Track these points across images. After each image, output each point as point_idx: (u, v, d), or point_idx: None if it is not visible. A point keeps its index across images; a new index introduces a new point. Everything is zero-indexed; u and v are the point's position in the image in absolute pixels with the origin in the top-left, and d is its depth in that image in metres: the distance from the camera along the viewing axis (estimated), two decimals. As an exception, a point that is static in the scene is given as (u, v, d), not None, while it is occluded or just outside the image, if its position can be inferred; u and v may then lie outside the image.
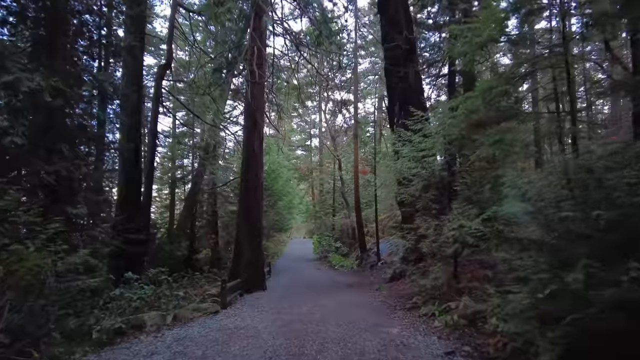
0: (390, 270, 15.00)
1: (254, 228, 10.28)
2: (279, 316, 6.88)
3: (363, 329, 5.79)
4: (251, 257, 10.19)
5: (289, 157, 37.96)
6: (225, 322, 6.55)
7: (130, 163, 12.73)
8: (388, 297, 8.62)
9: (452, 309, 6.05)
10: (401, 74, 11.47)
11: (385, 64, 12.60)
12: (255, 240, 10.33)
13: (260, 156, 10.46)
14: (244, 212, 10.34)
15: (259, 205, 10.45)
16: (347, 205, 25.25)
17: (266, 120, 15.34)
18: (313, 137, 39.87)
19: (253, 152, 10.21)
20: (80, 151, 9.14)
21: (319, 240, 25.90)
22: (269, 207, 21.58)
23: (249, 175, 10.25)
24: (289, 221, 28.24)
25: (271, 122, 17.02)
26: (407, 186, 7.84)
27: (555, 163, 5.34)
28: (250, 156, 10.27)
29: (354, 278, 14.77)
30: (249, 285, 10.03)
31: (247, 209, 10.24)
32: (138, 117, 13.01)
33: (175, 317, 6.53)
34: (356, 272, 17.05)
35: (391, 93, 12.27)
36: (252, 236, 10.27)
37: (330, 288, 11.69)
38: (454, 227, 5.72)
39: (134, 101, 12.70)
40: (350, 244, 24.13)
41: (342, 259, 20.70)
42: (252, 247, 10.25)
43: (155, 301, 7.74)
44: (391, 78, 12.10)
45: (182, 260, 21.29)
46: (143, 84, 13.69)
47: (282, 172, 23.43)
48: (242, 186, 10.77)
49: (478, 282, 6.31)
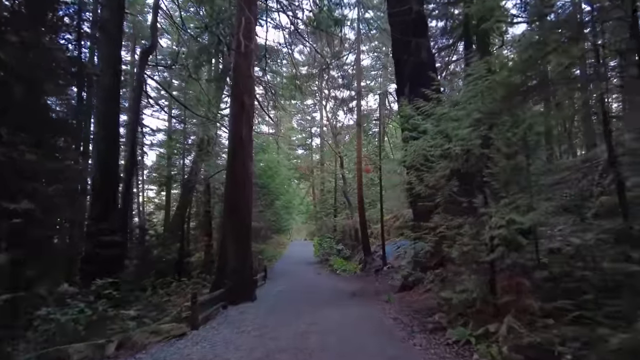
0: (397, 276, 13.47)
1: (242, 227, 8.78)
2: (262, 341, 5.34)
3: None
4: (237, 261, 8.68)
5: (289, 157, 36.53)
6: (188, 352, 5.00)
7: (106, 154, 11.27)
8: (400, 311, 7.09)
9: (492, 333, 4.52)
10: (412, 46, 9.98)
11: (393, 35, 11.12)
12: (242, 242, 8.82)
13: (249, 144, 8.98)
14: (229, 209, 8.84)
15: (248, 201, 8.95)
16: (350, 205, 23.73)
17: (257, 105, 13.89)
18: (314, 136, 38.40)
19: (240, 139, 8.73)
20: (30, 137, 7.66)
21: (319, 242, 24.44)
22: (266, 207, 20.06)
23: (236, 166, 8.76)
24: (287, 222, 26.70)
25: (263, 108, 15.49)
26: (423, 174, 6.31)
27: None
28: (237, 144, 8.78)
29: (357, 284, 13.23)
30: (234, 295, 8.53)
31: (233, 205, 8.74)
32: (115, 105, 11.56)
33: (122, 345, 5.00)
34: (360, 278, 15.50)
35: (399, 72, 10.79)
36: (239, 237, 8.76)
37: (331, 297, 10.16)
38: (500, 225, 4.19)
39: (109, 85, 11.26)
40: (352, 246, 22.59)
41: (344, 263, 19.18)
42: (239, 250, 8.74)
43: (99, 323, 6.15)
44: (400, 53, 10.61)
45: (172, 264, 19.89)
46: (121, 67, 12.24)
47: (280, 170, 21.93)
48: (227, 179, 9.28)
49: (522, 296, 4.78)
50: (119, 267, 12.16)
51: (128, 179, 12.76)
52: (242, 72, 8.85)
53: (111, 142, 11.45)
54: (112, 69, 11.43)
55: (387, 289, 11.13)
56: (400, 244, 16.94)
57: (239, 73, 8.94)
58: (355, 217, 22.83)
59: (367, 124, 27.09)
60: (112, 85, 11.46)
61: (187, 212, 22.98)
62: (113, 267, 11.50)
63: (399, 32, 10.70)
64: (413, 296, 8.32)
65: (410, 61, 10.27)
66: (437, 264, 7.07)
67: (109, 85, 11.17)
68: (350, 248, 22.30)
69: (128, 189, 12.79)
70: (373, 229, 22.15)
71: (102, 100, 11.31)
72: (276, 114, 36.53)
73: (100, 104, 11.39)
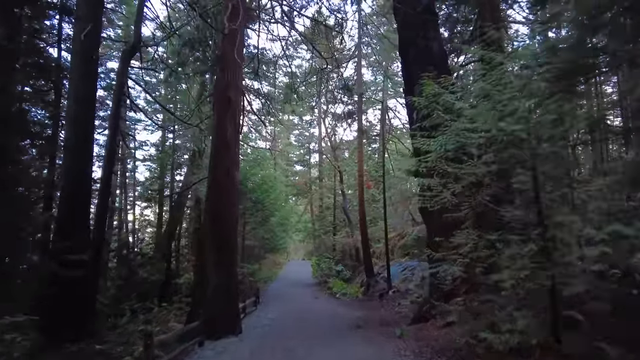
0: (406, 302, 11.93)
1: (225, 241, 7.35)
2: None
3: None
4: (219, 283, 7.21)
5: (286, 173, 35.26)
6: None
7: (76, 162, 9.94)
8: (419, 353, 5.61)
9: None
10: (420, 39, 8.89)
11: (399, 31, 10.09)
12: (226, 259, 7.38)
13: (234, 146, 7.67)
14: (211, 219, 7.45)
15: (233, 211, 7.56)
16: (350, 222, 22.28)
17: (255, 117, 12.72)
18: (312, 152, 37.22)
19: (225, 141, 7.43)
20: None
21: (317, 262, 22.88)
22: (260, 224, 18.59)
23: (218, 173, 7.42)
24: (283, 240, 25.13)
25: (253, 110, 14.26)
26: (449, 181, 4.98)
27: None
28: (221, 145, 7.47)
29: (360, 311, 11.67)
30: (214, 326, 7.02)
31: (216, 214, 7.34)
32: (87, 108, 10.29)
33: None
34: (362, 303, 13.91)
35: (408, 68, 9.68)
36: (222, 252, 7.32)
37: (332, 329, 8.63)
38: (601, 238, 2.83)
39: (81, 86, 10.04)
40: (353, 267, 21.02)
41: (344, 285, 17.62)
42: (222, 269, 7.29)
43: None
44: (407, 48, 9.53)
45: (159, 286, 18.28)
46: (96, 66, 11.07)
47: (276, 185, 20.57)
48: (209, 185, 7.93)
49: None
50: (90, 290, 10.65)
51: (105, 191, 11.38)
52: (228, 62, 7.65)
53: (82, 149, 10.14)
54: (85, 67, 10.26)
55: (396, 318, 9.61)
56: (406, 264, 15.45)
57: (224, 64, 7.73)
58: (355, 235, 21.35)
59: (367, 140, 25.98)
60: (86, 86, 10.25)
61: (176, 229, 21.52)
62: (81, 290, 10.01)
63: (406, 25, 9.65)
64: (431, 330, 6.83)
65: (419, 56, 9.16)
66: (467, 291, 5.64)
67: (81, 86, 9.95)
68: (350, 269, 20.74)
69: (104, 202, 11.38)
70: (375, 249, 20.64)
71: (73, 102, 10.05)
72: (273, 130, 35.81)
73: (71, 106, 10.13)
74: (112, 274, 18.51)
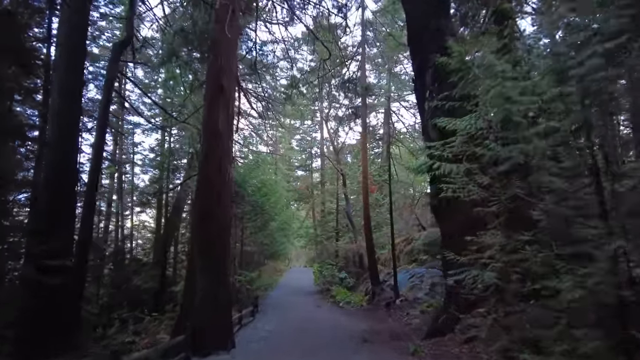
0: (415, 312, 11.03)
1: (215, 247, 6.53)
2: None
3: None
4: (209, 290, 6.37)
5: (287, 178, 34.49)
6: None
7: (60, 156, 9.21)
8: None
9: None
10: (431, 28, 8.19)
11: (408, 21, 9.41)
12: (216, 267, 6.55)
13: (227, 139, 6.89)
14: (199, 222, 6.63)
15: (224, 213, 6.75)
16: (353, 227, 21.41)
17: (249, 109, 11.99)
18: (314, 156, 36.47)
19: (216, 131, 6.65)
20: None
21: (319, 269, 21.97)
22: (258, 230, 17.75)
23: (209, 167, 6.64)
24: (283, 245, 24.24)
25: (251, 104, 13.51)
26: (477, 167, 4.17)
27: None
28: (212, 137, 6.69)
29: (366, 322, 10.79)
30: (202, 341, 6.18)
31: (206, 212, 6.52)
32: (72, 103, 9.60)
33: None
34: (368, 312, 13.00)
35: (418, 62, 8.97)
36: (212, 259, 6.50)
37: (335, 343, 7.77)
38: None
39: (65, 79, 9.37)
40: (357, 274, 20.09)
41: (347, 293, 16.69)
42: (211, 278, 6.46)
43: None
44: (417, 40, 8.85)
45: (153, 294, 17.46)
46: (83, 59, 10.40)
47: (276, 188, 19.78)
48: (199, 181, 7.14)
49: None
50: (73, 298, 9.85)
51: (92, 189, 10.66)
52: (221, 46, 6.93)
53: (66, 144, 9.43)
54: (71, 58, 9.59)
55: (407, 330, 8.73)
56: (414, 271, 14.55)
57: (217, 48, 6.99)
58: (359, 241, 20.47)
59: (370, 143, 25.19)
60: (71, 79, 9.57)
61: (174, 234, 20.69)
62: (63, 298, 9.20)
63: (415, 13, 8.95)
64: (450, 346, 5.97)
65: (432, 41, 8.41)
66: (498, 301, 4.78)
67: (66, 78, 9.27)
68: (354, 276, 19.81)
69: (91, 201, 10.65)
70: (379, 255, 19.73)
71: (57, 95, 9.36)
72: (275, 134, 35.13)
73: (55, 99, 9.44)
74: (105, 281, 17.79)
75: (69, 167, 9.49)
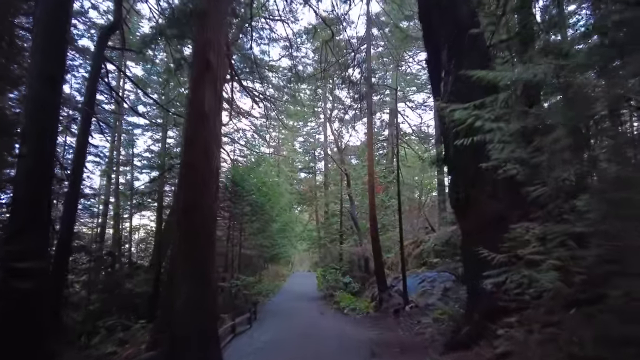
0: (427, 320, 9.97)
1: (201, 244, 5.59)
2: None
3: None
4: (190, 299, 5.42)
5: (291, 181, 33.63)
6: None
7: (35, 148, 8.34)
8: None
9: None
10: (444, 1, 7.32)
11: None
12: (200, 267, 5.59)
13: (214, 120, 5.95)
14: (183, 215, 5.66)
15: (211, 206, 5.79)
16: (358, 229, 20.39)
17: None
18: (318, 158, 35.53)
19: (201, 111, 5.72)
20: None
21: (323, 274, 20.99)
22: (258, 231, 16.80)
23: (192, 152, 5.70)
24: (284, 247, 23.25)
25: (243, 86, 12.58)
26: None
27: None
28: (197, 119, 5.77)
29: (373, 331, 9.78)
30: (182, 355, 5.22)
31: (188, 208, 5.54)
32: (53, 86, 8.74)
33: None
34: (375, 320, 11.94)
35: (430, 38, 8.07)
36: (196, 259, 5.54)
37: (340, 356, 6.78)
38: None
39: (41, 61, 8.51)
40: (362, 278, 19.07)
41: (352, 299, 15.70)
42: (195, 281, 5.50)
43: None
44: (429, 13, 7.96)
45: (147, 299, 16.53)
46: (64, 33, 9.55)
47: (276, 188, 18.84)
48: (182, 169, 6.22)
49: None
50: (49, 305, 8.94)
51: (75, 184, 9.83)
52: (209, 16, 6.04)
53: (42, 137, 8.52)
54: (53, 37, 8.73)
55: (420, 342, 7.70)
56: (424, 275, 13.50)
57: (204, 18, 6.10)
58: (364, 244, 19.45)
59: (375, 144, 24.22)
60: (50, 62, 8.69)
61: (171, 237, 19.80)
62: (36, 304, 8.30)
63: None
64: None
65: (446, 19, 7.50)
66: (552, 310, 3.78)
67: (41, 60, 8.39)
68: (359, 281, 18.79)
69: (74, 196, 9.82)
70: (385, 259, 18.68)
71: (34, 80, 8.48)
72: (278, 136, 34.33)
73: (31, 85, 8.56)
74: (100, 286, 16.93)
75: (45, 160, 8.61)
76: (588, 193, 2.90)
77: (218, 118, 6.35)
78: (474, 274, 5.74)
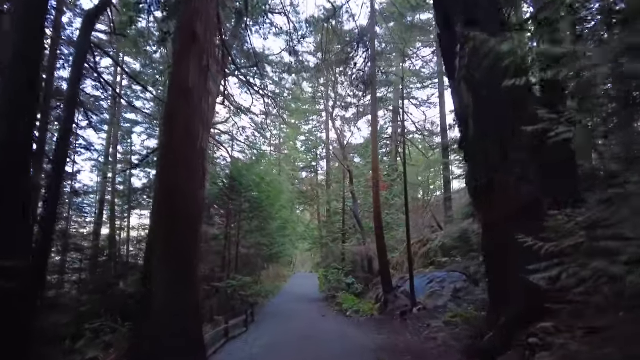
0: (437, 323, 9.15)
1: (182, 235, 4.85)
2: None
3: None
4: (170, 301, 4.69)
5: (292, 181, 32.92)
6: None
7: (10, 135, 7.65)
8: None
9: None
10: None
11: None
12: (182, 265, 4.86)
13: (199, 97, 5.20)
14: (162, 200, 4.92)
15: (195, 193, 5.04)
16: (361, 228, 19.62)
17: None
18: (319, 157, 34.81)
19: (186, 88, 4.97)
20: None
21: (325, 274, 20.26)
22: (256, 229, 16.05)
23: (175, 131, 4.95)
24: (284, 247, 22.49)
25: (242, 78, 11.85)
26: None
27: None
28: (179, 94, 5.03)
29: (379, 336, 8.99)
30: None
31: (169, 192, 4.79)
32: (31, 67, 8.07)
33: None
34: (380, 323, 11.15)
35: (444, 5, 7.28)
36: (176, 254, 4.81)
37: (342, 365, 6.02)
38: None
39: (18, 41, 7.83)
40: (365, 279, 18.28)
41: (355, 301, 14.95)
42: (176, 280, 4.78)
43: None
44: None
45: (140, 300, 15.78)
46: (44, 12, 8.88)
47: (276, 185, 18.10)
48: (161, 152, 5.53)
49: None
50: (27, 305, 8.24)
51: (58, 174, 9.15)
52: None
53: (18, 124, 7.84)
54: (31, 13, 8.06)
55: (431, 348, 6.93)
56: (432, 276, 12.69)
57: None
58: (368, 243, 18.67)
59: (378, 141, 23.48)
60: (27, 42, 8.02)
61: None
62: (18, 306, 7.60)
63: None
64: (508, 377, 4.17)
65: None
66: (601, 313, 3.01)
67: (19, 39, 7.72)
68: (362, 281, 18.02)
69: (57, 188, 9.14)
70: (389, 258, 17.90)
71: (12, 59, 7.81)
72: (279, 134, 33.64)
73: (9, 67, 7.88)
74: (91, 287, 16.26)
75: (19, 141, 7.92)
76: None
77: (205, 96, 5.60)
78: (501, 271, 4.98)
